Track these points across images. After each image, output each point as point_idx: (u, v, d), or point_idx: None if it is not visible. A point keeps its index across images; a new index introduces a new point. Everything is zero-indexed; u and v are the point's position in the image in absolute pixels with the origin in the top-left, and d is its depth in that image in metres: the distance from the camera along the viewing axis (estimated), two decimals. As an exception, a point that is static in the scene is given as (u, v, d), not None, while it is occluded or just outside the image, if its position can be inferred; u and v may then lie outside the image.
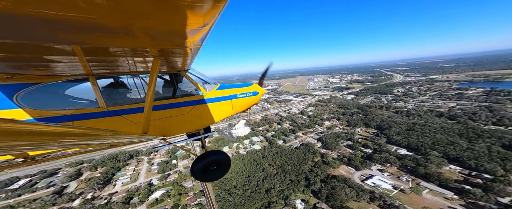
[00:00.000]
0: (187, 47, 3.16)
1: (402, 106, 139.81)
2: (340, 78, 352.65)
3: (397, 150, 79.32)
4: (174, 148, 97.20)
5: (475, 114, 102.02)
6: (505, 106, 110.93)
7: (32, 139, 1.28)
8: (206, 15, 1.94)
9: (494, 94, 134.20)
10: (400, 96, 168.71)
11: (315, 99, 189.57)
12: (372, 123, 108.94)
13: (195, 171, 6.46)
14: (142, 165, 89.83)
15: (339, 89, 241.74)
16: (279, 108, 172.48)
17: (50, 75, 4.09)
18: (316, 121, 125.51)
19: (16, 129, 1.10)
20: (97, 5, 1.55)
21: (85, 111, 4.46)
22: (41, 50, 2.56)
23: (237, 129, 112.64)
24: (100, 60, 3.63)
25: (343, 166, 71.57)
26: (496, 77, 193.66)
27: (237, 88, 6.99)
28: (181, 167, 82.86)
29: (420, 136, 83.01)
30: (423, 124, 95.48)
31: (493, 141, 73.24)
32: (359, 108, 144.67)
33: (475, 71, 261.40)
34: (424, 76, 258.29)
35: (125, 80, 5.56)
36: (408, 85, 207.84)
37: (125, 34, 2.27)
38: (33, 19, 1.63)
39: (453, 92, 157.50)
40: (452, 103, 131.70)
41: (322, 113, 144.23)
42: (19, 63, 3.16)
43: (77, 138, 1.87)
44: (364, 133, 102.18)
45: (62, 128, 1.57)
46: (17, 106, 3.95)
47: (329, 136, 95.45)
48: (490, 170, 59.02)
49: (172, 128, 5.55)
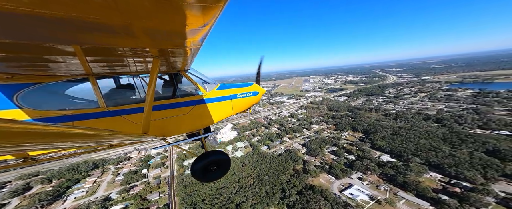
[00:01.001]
0: (187, 47, 3.16)
1: (392, 108, 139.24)
2: (335, 79, 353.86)
3: (381, 156, 77.79)
4: (148, 156, 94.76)
5: (461, 117, 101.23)
6: (492, 109, 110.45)
7: (32, 139, 1.27)
8: (206, 15, 1.96)
9: (482, 96, 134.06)
10: (391, 97, 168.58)
11: (308, 101, 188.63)
12: (359, 127, 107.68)
13: (195, 171, 6.47)
14: (106, 176, 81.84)
15: (332, 91, 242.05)
16: (270, 110, 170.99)
17: (50, 75, 4.09)
18: (305, 124, 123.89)
19: (16, 129, 1.10)
20: (97, 5, 1.56)
21: (85, 111, 4.44)
22: (41, 50, 2.57)
23: (222, 133, 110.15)
24: (100, 60, 3.61)
25: (324, 175, 69.65)
26: (486, 78, 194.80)
27: (237, 88, 6.97)
28: (151, 177, 77.41)
29: (404, 141, 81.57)
30: (409, 128, 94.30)
31: (477, 147, 72.04)
32: (350, 110, 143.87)
33: (466, 72, 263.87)
34: (416, 77, 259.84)
35: (125, 80, 5.49)
36: (400, 87, 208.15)
37: (125, 34, 2.26)
38: (33, 19, 1.62)
39: (442, 94, 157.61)
40: (441, 105, 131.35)
41: (312, 116, 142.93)
42: (19, 63, 3.16)
43: (77, 138, 1.87)
44: (351, 138, 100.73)
45: (62, 128, 1.58)
46: (17, 106, 3.94)
47: (314, 141, 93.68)
48: (470, 178, 57.60)
49: (172, 128, 5.54)
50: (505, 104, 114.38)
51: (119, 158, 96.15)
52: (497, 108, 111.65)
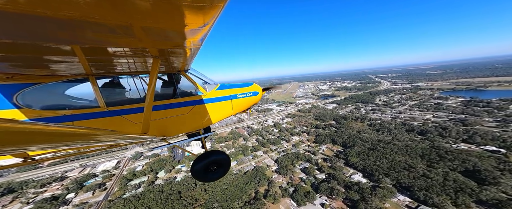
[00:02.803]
0: (187, 47, 3.18)
1: (378, 117, 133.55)
2: (330, 85, 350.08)
3: (352, 174, 71.94)
4: (89, 175, 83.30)
5: (446, 130, 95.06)
6: (481, 120, 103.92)
7: (32, 139, 1.27)
8: (206, 15, 1.96)
9: (473, 105, 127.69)
10: (380, 105, 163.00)
11: (297, 109, 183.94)
12: (338, 139, 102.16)
13: (195, 171, 6.50)
14: (13, 205, 65.50)
15: (324, 97, 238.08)
16: (256, 119, 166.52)
17: (50, 75, 4.09)
18: (285, 136, 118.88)
19: (16, 129, 1.10)
20: (97, 5, 1.56)
21: (85, 111, 4.40)
22: (41, 50, 2.58)
23: (192, 146, 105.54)
24: (100, 60, 3.60)
25: (285, 200, 63.48)
26: (479, 86, 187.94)
27: (237, 88, 6.99)
28: (71, 205, 64.04)
29: (379, 157, 75.64)
30: (389, 142, 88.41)
31: (455, 165, 65.86)
32: (335, 119, 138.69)
33: (459, 78, 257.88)
34: (410, 84, 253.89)
35: (125, 80, 5.37)
36: (392, 93, 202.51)
37: (125, 34, 2.28)
38: (33, 19, 1.63)
39: (433, 102, 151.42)
40: (429, 115, 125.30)
41: (296, 126, 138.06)
42: (19, 63, 3.17)
43: (77, 138, 1.88)
44: (328, 152, 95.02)
45: (62, 128, 1.57)
46: (17, 106, 3.92)
47: (288, 156, 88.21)
48: (438, 205, 51.38)
49: (172, 128, 5.51)
50: (495, 115, 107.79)
51: (49, 179, 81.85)
52: (486, 118, 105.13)
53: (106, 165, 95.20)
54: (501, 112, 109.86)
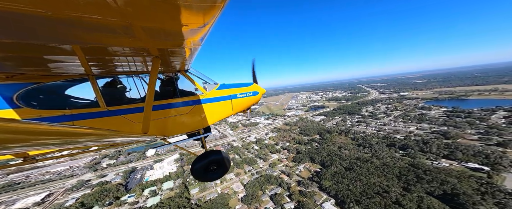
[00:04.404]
0: (187, 46, 3.19)
1: (362, 130, 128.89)
2: (322, 95, 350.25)
3: (324, 202, 64.33)
4: None
5: (427, 144, 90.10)
6: (463, 132, 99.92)
7: (32, 139, 1.26)
8: (206, 15, 1.98)
9: (455, 116, 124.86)
10: (365, 117, 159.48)
11: (285, 122, 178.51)
12: (317, 157, 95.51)
13: (195, 171, 6.57)
14: None
15: (314, 109, 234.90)
16: (239, 134, 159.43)
17: (50, 75, 4.08)
18: (264, 154, 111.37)
19: (16, 128, 1.09)
20: (98, 5, 1.56)
21: (85, 111, 4.38)
22: (41, 50, 2.59)
23: (156, 169, 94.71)
24: (100, 60, 3.60)
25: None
26: (460, 94, 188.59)
27: (237, 88, 7.00)
28: None
29: (354, 180, 68.80)
30: (367, 160, 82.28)
31: (433, 188, 59.55)
32: (320, 133, 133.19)
33: (442, 87, 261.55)
34: (396, 93, 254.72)
35: (125, 79, 5.40)
36: (379, 104, 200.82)
37: (125, 33, 2.29)
38: (33, 19, 1.62)
39: (417, 112, 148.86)
40: (412, 126, 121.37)
41: (278, 142, 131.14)
42: (19, 63, 3.19)
43: (77, 138, 1.88)
44: (305, 172, 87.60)
45: (62, 128, 1.57)
46: (17, 106, 3.91)
47: (257, 181, 79.85)
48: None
49: (172, 128, 5.53)
50: (477, 126, 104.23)
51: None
52: (469, 131, 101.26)
53: (27, 201, 74.61)
54: (483, 123, 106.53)
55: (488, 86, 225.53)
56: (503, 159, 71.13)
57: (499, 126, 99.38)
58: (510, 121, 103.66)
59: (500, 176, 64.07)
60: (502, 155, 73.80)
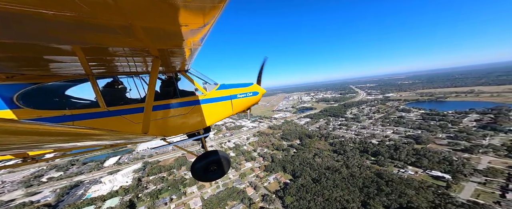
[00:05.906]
0: (187, 47, 3.21)
1: (341, 135, 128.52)
2: (312, 96, 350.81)
3: (284, 219, 62.35)
4: None
5: (398, 150, 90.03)
6: (434, 136, 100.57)
7: (32, 139, 1.26)
8: (206, 15, 1.99)
9: (430, 118, 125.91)
10: (348, 119, 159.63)
11: (270, 124, 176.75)
12: (290, 167, 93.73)
13: (195, 171, 6.61)
14: None
15: (301, 110, 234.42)
16: (220, 139, 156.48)
17: (50, 75, 4.11)
18: (238, 161, 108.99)
19: (16, 128, 1.09)
20: (98, 5, 1.57)
21: (85, 111, 4.39)
22: (41, 50, 2.59)
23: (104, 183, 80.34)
24: (100, 60, 3.62)
25: None
26: (439, 96, 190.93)
27: (237, 88, 7.02)
28: None
29: (316, 194, 67.22)
30: (336, 170, 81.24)
31: (390, 201, 58.83)
32: (300, 138, 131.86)
33: (424, 89, 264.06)
34: (382, 94, 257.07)
35: (125, 80, 5.41)
36: (364, 105, 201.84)
37: (126, 34, 2.30)
38: (33, 19, 1.63)
39: (396, 115, 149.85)
40: (389, 130, 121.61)
41: (257, 148, 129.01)
42: (19, 63, 3.19)
43: (77, 138, 1.89)
44: (273, 184, 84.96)
45: (62, 128, 1.57)
46: (17, 106, 3.93)
47: (218, 197, 74.01)
48: None
49: (172, 128, 5.53)
50: (448, 130, 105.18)
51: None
52: (440, 135, 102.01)
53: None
54: (454, 127, 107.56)
55: (465, 88, 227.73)
56: (466, 167, 71.37)
57: (469, 130, 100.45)
58: (480, 125, 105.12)
59: (458, 185, 64.10)
60: (465, 162, 74.15)
